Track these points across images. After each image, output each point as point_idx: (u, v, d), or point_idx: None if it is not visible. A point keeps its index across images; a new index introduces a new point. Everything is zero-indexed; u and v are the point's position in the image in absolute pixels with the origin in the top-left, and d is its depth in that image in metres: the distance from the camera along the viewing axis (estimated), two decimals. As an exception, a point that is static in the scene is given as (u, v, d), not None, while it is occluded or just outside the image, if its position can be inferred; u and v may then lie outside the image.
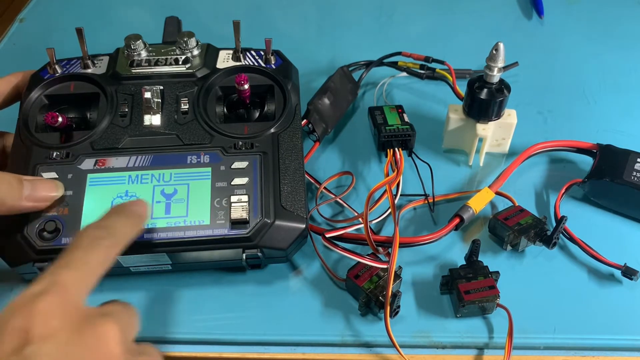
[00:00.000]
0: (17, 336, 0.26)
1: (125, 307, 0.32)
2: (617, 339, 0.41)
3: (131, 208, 0.35)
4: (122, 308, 0.31)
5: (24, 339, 0.26)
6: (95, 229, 0.32)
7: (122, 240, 0.33)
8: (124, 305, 0.32)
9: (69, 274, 0.29)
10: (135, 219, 0.35)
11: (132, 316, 0.32)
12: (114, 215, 0.34)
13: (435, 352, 0.41)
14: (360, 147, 0.55)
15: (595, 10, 0.73)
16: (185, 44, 0.48)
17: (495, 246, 0.47)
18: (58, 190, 0.40)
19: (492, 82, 0.48)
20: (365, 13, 0.73)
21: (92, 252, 0.31)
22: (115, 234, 0.33)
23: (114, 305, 0.31)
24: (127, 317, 0.31)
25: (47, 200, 0.40)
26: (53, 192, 0.40)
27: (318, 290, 0.44)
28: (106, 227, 0.33)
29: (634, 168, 0.46)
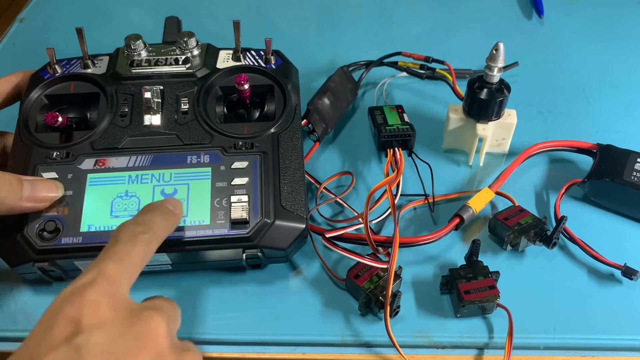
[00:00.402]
0: (68, 325, 0.27)
1: (170, 303, 0.32)
2: (617, 339, 0.41)
3: (166, 205, 0.36)
4: (167, 303, 0.32)
5: (74, 328, 0.27)
6: (134, 225, 0.33)
7: (160, 235, 0.34)
8: (168, 301, 0.32)
9: (113, 265, 0.30)
10: (170, 215, 0.36)
11: (177, 311, 0.32)
12: (151, 211, 0.35)
13: (435, 352, 0.41)
14: (360, 147, 0.55)
15: (595, 10, 0.73)
16: (185, 44, 0.48)
17: (495, 246, 0.47)
18: (58, 191, 0.41)
19: (492, 82, 0.48)
20: (365, 13, 0.73)
21: (133, 246, 0.31)
22: (153, 229, 0.33)
23: (159, 300, 0.32)
24: (172, 312, 0.31)
25: (47, 201, 0.40)
26: (53, 193, 0.40)
27: (318, 290, 0.44)
28: (144, 223, 0.33)
29: (634, 168, 0.46)
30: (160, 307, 0.30)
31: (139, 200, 0.41)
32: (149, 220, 0.34)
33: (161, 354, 0.28)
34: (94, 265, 0.30)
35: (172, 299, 0.33)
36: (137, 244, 0.32)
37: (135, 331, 0.28)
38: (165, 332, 0.29)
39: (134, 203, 0.41)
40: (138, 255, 0.31)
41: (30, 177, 0.40)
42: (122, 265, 0.30)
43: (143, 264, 0.32)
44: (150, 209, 0.35)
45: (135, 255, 0.31)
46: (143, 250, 0.32)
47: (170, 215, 0.36)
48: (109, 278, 0.29)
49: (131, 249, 0.31)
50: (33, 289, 0.44)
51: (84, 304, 0.28)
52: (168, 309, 0.31)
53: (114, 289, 0.29)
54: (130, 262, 0.31)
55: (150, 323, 0.29)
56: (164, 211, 0.35)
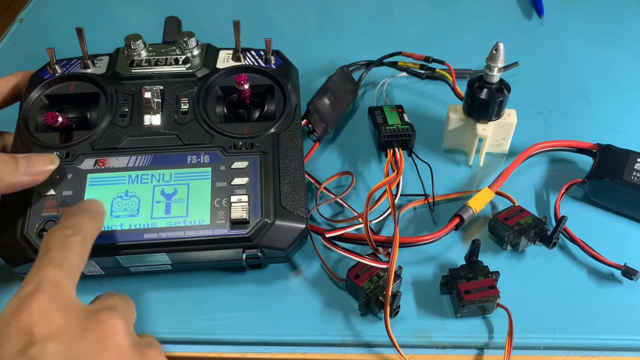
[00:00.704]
0: (21, 337, 0.26)
1: (123, 299, 0.32)
2: (617, 339, 0.41)
3: (87, 206, 0.36)
4: (120, 300, 0.31)
5: (27, 339, 0.26)
6: (62, 229, 0.32)
7: (91, 235, 0.34)
8: (120, 297, 0.32)
9: (54, 271, 0.29)
10: (94, 213, 0.36)
11: (131, 306, 0.32)
12: (75, 214, 0.35)
13: (435, 352, 0.41)
14: (360, 147, 0.55)
15: (595, 10, 0.73)
16: (185, 44, 0.48)
17: (495, 246, 0.47)
18: (54, 163, 0.40)
19: (492, 82, 0.48)
20: (365, 13, 0.73)
21: (67, 249, 0.31)
22: (82, 230, 0.33)
23: (113, 298, 0.31)
24: (128, 308, 0.31)
25: (44, 174, 0.40)
26: (49, 165, 0.40)
27: (318, 290, 0.44)
28: (72, 226, 0.33)
29: (634, 168, 0.46)
30: (115, 305, 0.30)
31: (139, 200, 0.41)
32: (75, 223, 0.33)
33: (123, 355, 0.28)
34: (34, 274, 0.29)
35: (123, 293, 0.32)
36: (71, 247, 0.31)
37: (93, 335, 0.27)
38: (125, 331, 0.29)
39: (134, 203, 0.41)
40: (75, 257, 0.31)
41: (25, 154, 0.40)
42: (63, 270, 0.30)
43: (81, 266, 0.31)
44: (74, 212, 0.35)
45: (73, 258, 0.31)
46: (78, 252, 0.31)
47: (94, 213, 0.36)
48: (52, 283, 0.28)
49: (67, 252, 0.31)
50: (33, 289, 0.43)
51: (32, 313, 0.27)
52: (123, 306, 0.30)
53: (61, 294, 0.28)
54: (69, 265, 0.30)
55: (107, 324, 0.28)
56: (88, 211, 0.35)
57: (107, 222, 0.40)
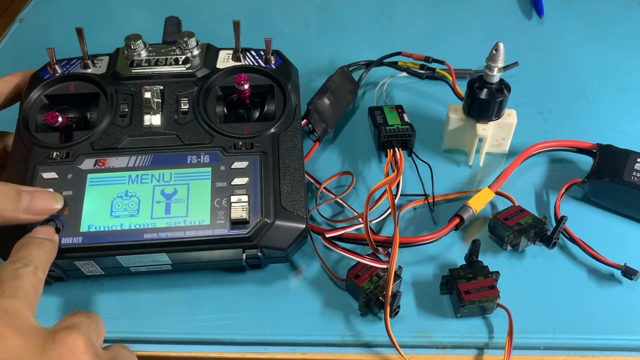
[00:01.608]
0: None
1: (87, 315, 0.31)
2: (617, 339, 0.41)
3: (36, 236, 0.36)
4: (84, 317, 0.31)
5: None
6: (11, 264, 0.33)
7: (42, 264, 0.34)
8: (86, 314, 0.32)
9: (6, 301, 0.29)
10: (42, 242, 0.36)
11: (97, 323, 0.32)
12: (23, 247, 0.35)
13: (435, 352, 0.41)
14: (360, 147, 0.55)
15: (595, 10, 0.73)
16: (185, 44, 0.48)
17: (495, 246, 0.47)
18: (57, 203, 0.40)
19: (492, 82, 0.48)
20: (365, 13, 0.73)
21: (19, 280, 0.31)
22: (32, 261, 0.33)
23: (74, 317, 0.31)
24: (92, 325, 0.31)
25: (45, 214, 0.39)
26: (52, 205, 0.39)
27: (318, 290, 0.44)
28: (20, 259, 0.33)
29: (634, 168, 0.46)
30: (75, 324, 0.30)
31: (139, 200, 0.41)
32: (25, 255, 0.34)
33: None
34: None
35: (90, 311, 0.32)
36: (23, 277, 0.31)
37: (52, 355, 0.27)
38: (84, 347, 0.29)
39: (134, 203, 0.41)
40: (28, 286, 0.31)
41: (30, 188, 0.39)
42: (17, 298, 0.30)
43: (38, 294, 0.32)
44: (22, 245, 0.35)
45: (26, 287, 0.31)
46: (32, 282, 0.32)
47: (44, 242, 0.36)
48: (7, 311, 0.29)
49: (19, 283, 0.31)
50: (33, 289, 0.43)
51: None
52: (85, 324, 0.30)
53: (17, 320, 0.28)
54: (23, 294, 0.30)
55: (65, 343, 0.28)
56: (35, 241, 0.35)
57: (107, 222, 0.40)
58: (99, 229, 0.40)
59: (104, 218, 0.40)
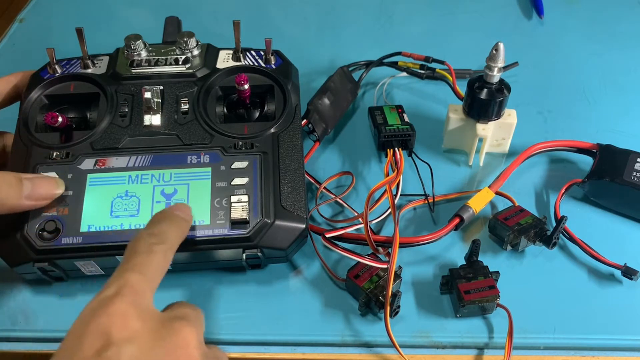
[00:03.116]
0: (98, 338, 0.26)
1: (195, 310, 0.32)
2: (617, 339, 0.41)
3: (176, 212, 0.36)
4: (193, 310, 0.32)
5: (105, 341, 0.26)
6: (149, 236, 0.33)
7: (175, 244, 0.34)
8: (193, 308, 0.32)
9: (136, 276, 0.30)
10: (181, 222, 0.36)
11: (202, 317, 0.32)
12: (162, 221, 0.35)
13: (435, 352, 0.41)
14: (360, 147, 0.55)
15: (595, 10, 0.73)
16: (185, 44, 0.48)
17: (495, 246, 0.47)
18: (59, 188, 0.40)
19: (492, 82, 0.48)
20: (365, 13, 0.73)
21: (151, 256, 0.31)
22: (167, 239, 0.33)
23: (185, 308, 0.32)
24: (199, 320, 0.31)
25: (48, 199, 0.40)
26: (54, 190, 0.40)
27: (318, 290, 0.44)
28: (158, 234, 0.33)
29: (634, 168, 0.46)
30: (188, 316, 0.30)
31: (139, 200, 0.41)
32: (162, 231, 0.34)
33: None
34: (116, 277, 0.30)
35: (195, 305, 0.33)
36: (155, 255, 0.32)
37: (167, 343, 0.28)
38: (197, 343, 0.29)
39: (134, 203, 0.41)
40: (157, 265, 0.31)
41: (30, 175, 0.40)
42: (144, 276, 0.30)
43: (162, 274, 0.32)
44: (162, 218, 0.35)
45: (155, 266, 0.31)
46: (161, 261, 0.32)
47: (181, 222, 0.36)
48: (133, 289, 0.29)
49: (150, 259, 0.31)
50: (33, 289, 0.44)
51: (112, 315, 0.27)
52: (195, 317, 0.31)
53: (140, 300, 0.29)
54: (150, 273, 0.31)
55: (181, 335, 0.29)
56: (175, 219, 0.36)
57: (107, 222, 0.40)
58: (99, 229, 0.40)
59: (104, 218, 0.40)
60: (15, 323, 0.42)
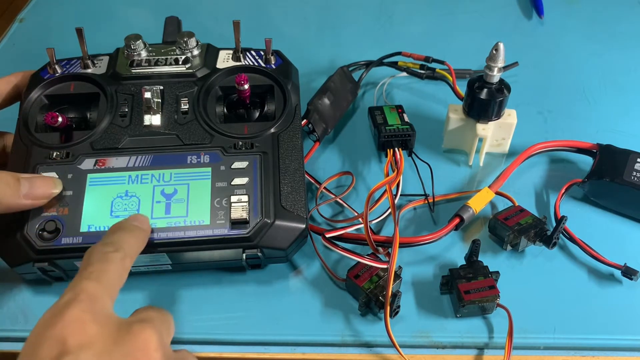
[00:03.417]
0: (53, 347, 0.26)
1: (160, 312, 0.32)
2: (617, 339, 0.41)
3: (132, 223, 0.36)
4: (157, 313, 0.31)
5: (60, 348, 0.26)
6: (103, 246, 0.33)
7: (131, 253, 0.34)
8: (159, 311, 0.32)
9: (91, 284, 0.29)
10: (137, 231, 0.36)
11: (169, 321, 0.32)
12: (118, 231, 0.35)
13: (435, 352, 0.41)
14: (360, 147, 0.55)
15: (595, 10, 0.73)
16: (185, 44, 0.48)
17: (495, 246, 0.47)
18: (56, 187, 0.40)
19: (492, 82, 0.48)
20: (365, 13, 0.73)
21: (107, 264, 0.31)
22: (123, 247, 0.33)
23: (149, 312, 0.31)
24: (164, 323, 0.31)
25: (46, 198, 0.40)
26: (51, 190, 0.40)
27: (318, 290, 0.44)
28: (112, 243, 0.33)
29: (634, 168, 0.46)
30: (150, 318, 0.30)
31: (139, 200, 0.41)
32: (117, 240, 0.34)
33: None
34: (72, 286, 0.29)
35: (162, 308, 0.32)
36: (110, 262, 0.32)
37: (125, 347, 0.28)
38: (157, 345, 0.29)
39: (134, 203, 0.41)
40: (114, 273, 0.31)
41: (28, 175, 0.40)
42: (100, 283, 0.30)
43: (121, 282, 0.32)
44: (117, 228, 0.35)
45: (112, 273, 0.31)
46: (118, 268, 0.32)
47: (137, 231, 0.36)
48: (89, 295, 0.29)
49: (106, 267, 0.31)
50: (33, 289, 0.44)
51: (67, 322, 0.27)
52: (159, 320, 0.30)
53: (97, 306, 0.28)
54: (107, 280, 0.30)
55: (139, 337, 0.28)
56: (131, 229, 0.36)
57: (107, 222, 0.40)
58: (99, 229, 0.40)
59: (104, 218, 0.40)
60: (15, 323, 0.42)
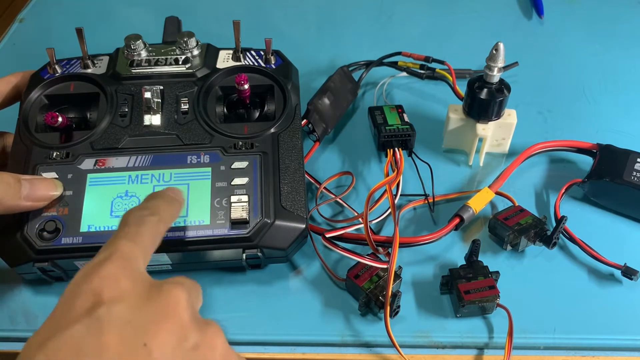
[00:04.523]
0: (89, 298, 0.27)
1: (191, 280, 0.32)
2: (617, 339, 0.41)
3: (168, 193, 0.37)
4: (187, 280, 0.32)
5: (95, 301, 0.27)
6: (140, 210, 0.33)
7: (166, 220, 0.35)
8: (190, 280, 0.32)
9: (127, 244, 0.30)
10: (173, 201, 0.36)
11: (198, 289, 0.32)
12: (154, 198, 0.35)
13: (435, 352, 0.41)
14: (360, 147, 0.55)
15: (595, 10, 0.73)
16: (185, 44, 0.48)
17: (495, 246, 0.47)
18: (57, 189, 0.41)
19: (492, 82, 0.48)
20: (365, 13, 0.73)
21: (142, 227, 0.32)
22: (159, 212, 0.34)
23: (181, 277, 0.32)
24: (193, 288, 0.31)
25: (46, 200, 0.40)
26: (52, 191, 0.40)
27: (318, 290, 0.44)
28: (149, 208, 0.34)
29: (634, 168, 0.46)
30: (181, 281, 0.31)
31: (139, 201, 0.41)
32: (154, 205, 0.34)
33: (183, 326, 0.28)
34: (108, 245, 0.30)
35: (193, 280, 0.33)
36: (146, 225, 0.32)
37: (156, 303, 0.28)
38: (186, 304, 0.29)
39: (134, 203, 0.41)
40: (148, 235, 0.32)
41: (29, 176, 0.40)
42: (135, 244, 0.31)
43: (155, 245, 0.32)
44: (154, 196, 0.36)
45: (146, 236, 0.32)
46: (153, 232, 0.32)
47: (173, 201, 0.36)
48: (124, 254, 0.29)
49: (141, 229, 0.32)
50: (33, 289, 0.44)
51: (103, 277, 0.28)
52: (189, 284, 0.31)
53: (131, 264, 0.29)
54: (142, 241, 0.31)
55: (170, 294, 0.29)
56: (167, 198, 0.36)
57: (107, 222, 0.40)
58: (99, 229, 0.40)
59: (104, 218, 0.40)
60: (15, 323, 0.42)
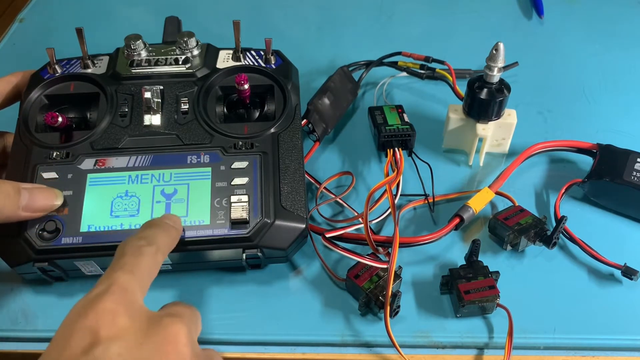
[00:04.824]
0: (86, 336, 0.26)
1: (190, 309, 0.32)
2: (617, 339, 0.41)
3: (165, 221, 0.36)
4: (187, 309, 0.31)
5: (92, 339, 0.26)
6: (137, 240, 0.33)
7: (164, 249, 0.34)
8: (188, 307, 0.32)
9: (124, 276, 0.30)
10: (170, 229, 0.36)
11: (197, 318, 0.32)
12: (151, 227, 0.35)
13: (435, 352, 0.41)
14: (360, 147, 0.55)
15: (595, 10, 0.73)
16: (185, 44, 0.48)
17: (495, 246, 0.47)
18: (57, 199, 0.40)
19: (492, 82, 0.48)
20: (365, 13, 0.73)
21: (140, 257, 0.31)
22: (156, 242, 0.33)
23: (179, 307, 0.31)
24: (193, 319, 0.31)
25: (45, 210, 0.39)
26: (51, 202, 0.40)
27: (318, 290, 0.44)
28: (146, 237, 0.33)
29: (634, 168, 0.46)
30: (180, 314, 0.30)
31: (139, 201, 0.41)
32: (151, 235, 0.34)
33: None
34: (105, 277, 0.30)
35: (191, 304, 0.33)
36: (144, 256, 0.32)
37: (155, 340, 0.28)
38: (186, 339, 0.29)
39: (134, 203, 0.41)
40: (146, 266, 0.31)
41: (29, 185, 0.39)
42: (133, 276, 0.30)
43: (152, 276, 0.32)
44: (151, 225, 0.36)
45: (144, 267, 0.31)
46: (150, 262, 0.32)
47: (170, 229, 0.36)
48: (122, 287, 0.29)
49: (139, 260, 0.31)
50: (33, 289, 0.44)
51: (100, 313, 0.27)
52: (188, 316, 0.31)
53: (129, 298, 0.29)
54: (139, 273, 0.31)
55: (170, 331, 0.28)
56: (164, 226, 0.36)
57: (107, 222, 0.40)
58: (99, 229, 0.40)
59: (104, 218, 0.40)
60: (15, 323, 0.42)
